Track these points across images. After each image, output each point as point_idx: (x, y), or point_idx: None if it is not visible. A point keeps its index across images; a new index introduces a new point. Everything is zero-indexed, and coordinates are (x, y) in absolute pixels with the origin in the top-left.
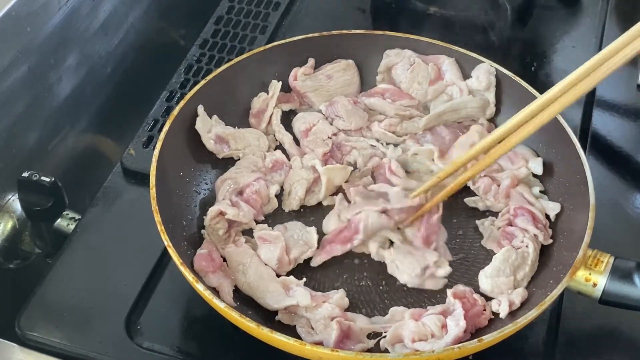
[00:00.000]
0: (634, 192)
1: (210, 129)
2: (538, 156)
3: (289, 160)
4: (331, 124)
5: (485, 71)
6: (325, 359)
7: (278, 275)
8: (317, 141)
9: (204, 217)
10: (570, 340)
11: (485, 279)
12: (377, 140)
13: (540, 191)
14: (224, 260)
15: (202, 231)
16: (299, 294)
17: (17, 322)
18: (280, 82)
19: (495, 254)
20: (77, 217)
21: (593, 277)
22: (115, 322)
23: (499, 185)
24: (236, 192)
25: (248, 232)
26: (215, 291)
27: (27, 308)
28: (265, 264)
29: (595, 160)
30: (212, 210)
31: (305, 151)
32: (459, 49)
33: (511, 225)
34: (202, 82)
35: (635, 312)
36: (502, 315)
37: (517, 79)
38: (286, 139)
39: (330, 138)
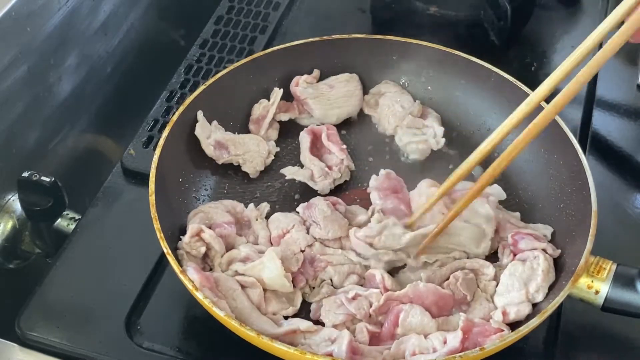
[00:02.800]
0: (634, 192)
1: (210, 135)
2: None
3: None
4: (308, 231)
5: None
6: None
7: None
8: (287, 253)
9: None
10: (570, 340)
11: (498, 298)
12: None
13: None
14: None
15: (179, 251)
16: (296, 320)
17: (17, 322)
18: (282, 90)
19: None
20: (77, 217)
21: (595, 285)
22: (115, 322)
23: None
24: (206, 226)
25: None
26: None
27: (27, 308)
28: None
29: (595, 161)
30: (193, 228)
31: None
32: (462, 53)
33: (517, 253)
34: (202, 87)
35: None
36: (493, 323)
37: (519, 83)
38: (262, 233)
39: (303, 251)
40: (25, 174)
